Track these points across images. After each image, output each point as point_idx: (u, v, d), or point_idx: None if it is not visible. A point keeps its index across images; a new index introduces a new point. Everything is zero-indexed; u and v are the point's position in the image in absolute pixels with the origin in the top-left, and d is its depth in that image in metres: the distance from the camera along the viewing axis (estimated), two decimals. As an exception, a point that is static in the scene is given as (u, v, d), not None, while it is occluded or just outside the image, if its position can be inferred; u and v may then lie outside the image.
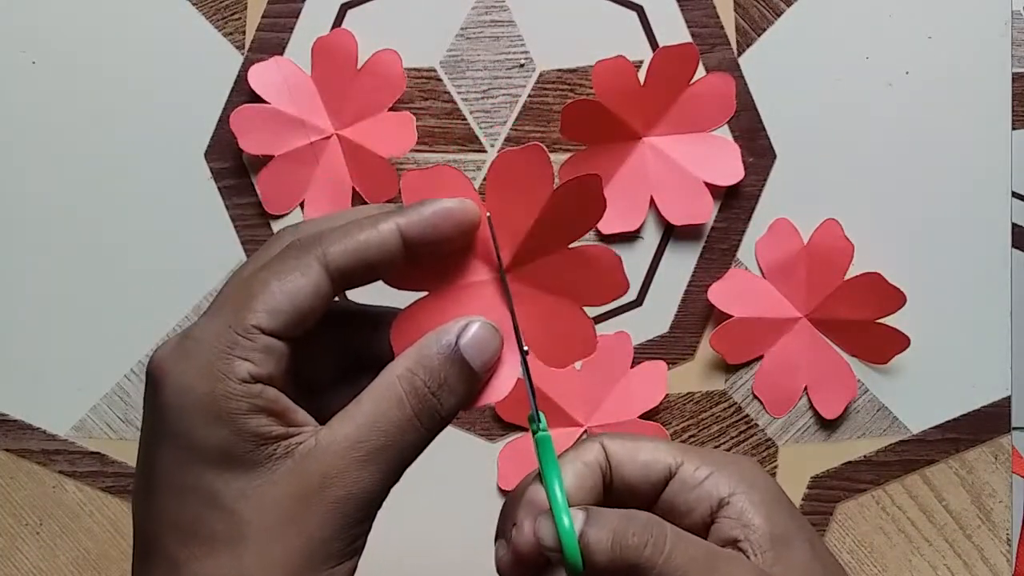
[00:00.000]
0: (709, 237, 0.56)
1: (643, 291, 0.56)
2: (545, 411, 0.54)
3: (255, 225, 0.56)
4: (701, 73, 0.55)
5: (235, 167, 0.56)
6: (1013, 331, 0.55)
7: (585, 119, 0.54)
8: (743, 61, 0.56)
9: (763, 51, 0.56)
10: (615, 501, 0.33)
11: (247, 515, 0.27)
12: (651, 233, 0.56)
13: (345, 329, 0.33)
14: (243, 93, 0.55)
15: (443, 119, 0.56)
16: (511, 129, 0.56)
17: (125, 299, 0.56)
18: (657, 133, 0.55)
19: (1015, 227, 0.56)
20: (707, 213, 0.55)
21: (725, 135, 0.55)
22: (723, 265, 0.56)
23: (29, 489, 0.56)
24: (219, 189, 0.56)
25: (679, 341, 0.56)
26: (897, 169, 0.55)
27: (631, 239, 0.55)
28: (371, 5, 0.56)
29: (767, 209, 0.55)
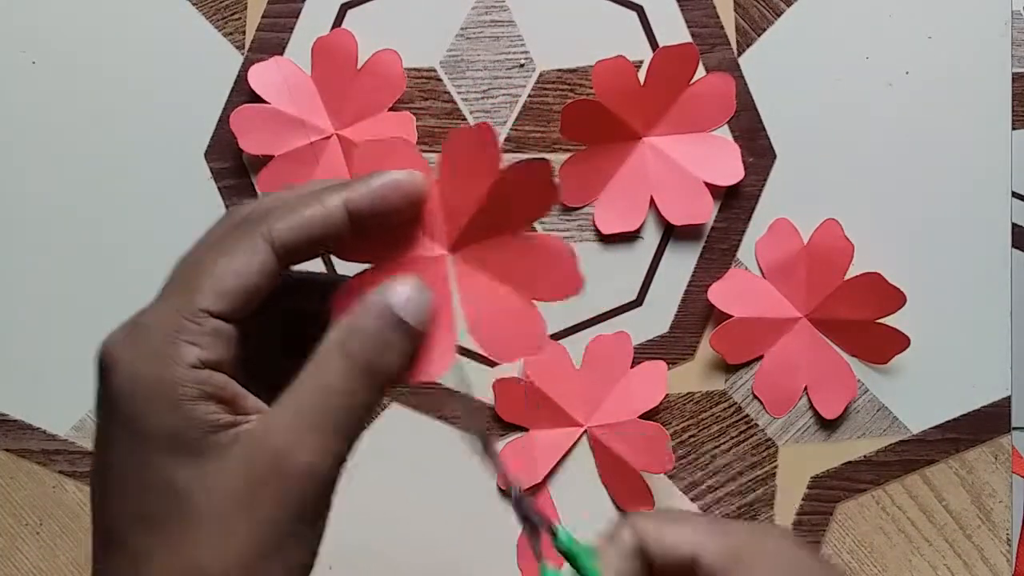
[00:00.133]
0: (709, 237, 0.56)
1: (643, 291, 0.56)
2: (545, 411, 0.54)
3: (255, 225, 0.56)
4: (701, 73, 0.55)
5: (235, 167, 0.56)
6: (1013, 331, 0.55)
7: (585, 119, 0.54)
8: (743, 61, 0.56)
9: (763, 51, 0.56)
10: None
11: (200, 502, 0.26)
12: (651, 233, 0.56)
13: (293, 297, 0.32)
14: (243, 93, 0.55)
15: (443, 119, 0.56)
16: (511, 129, 0.56)
17: (125, 299, 0.55)
18: (657, 133, 0.55)
19: (1015, 227, 0.56)
20: (707, 213, 0.55)
21: (725, 135, 0.55)
22: (723, 265, 0.56)
23: (29, 489, 0.56)
24: (219, 189, 0.56)
25: (679, 341, 0.56)
26: (897, 169, 0.55)
27: (631, 239, 0.55)
28: (371, 5, 0.56)
29: (767, 209, 0.55)
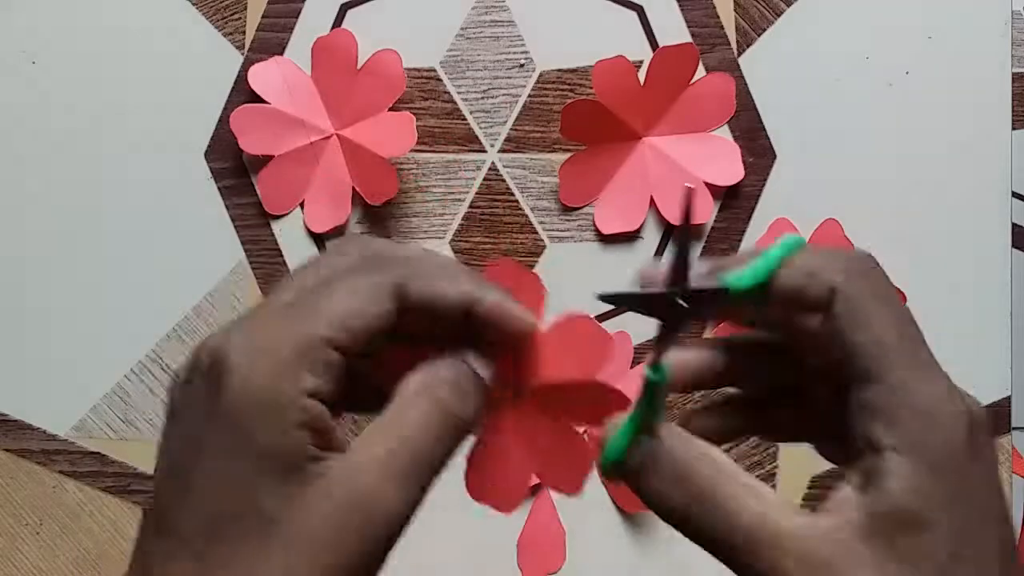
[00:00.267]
0: (709, 237, 0.56)
1: (643, 291, 0.56)
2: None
3: (255, 225, 0.56)
4: (701, 73, 0.55)
5: (235, 167, 0.56)
6: (1013, 331, 0.55)
7: (585, 119, 0.54)
8: (743, 61, 0.56)
9: (763, 51, 0.56)
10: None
11: (284, 523, 0.27)
12: (651, 233, 0.56)
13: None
14: (243, 93, 0.55)
15: (443, 119, 0.56)
16: (511, 129, 0.56)
17: (125, 299, 0.56)
18: (657, 133, 0.55)
19: (1015, 227, 0.56)
20: (707, 213, 0.55)
21: (725, 135, 0.55)
22: (723, 265, 0.56)
23: (29, 489, 0.56)
24: (219, 189, 0.56)
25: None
26: (897, 169, 0.55)
27: (631, 239, 0.55)
28: (371, 5, 0.56)
29: (767, 209, 0.55)
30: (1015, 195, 0.56)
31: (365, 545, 0.27)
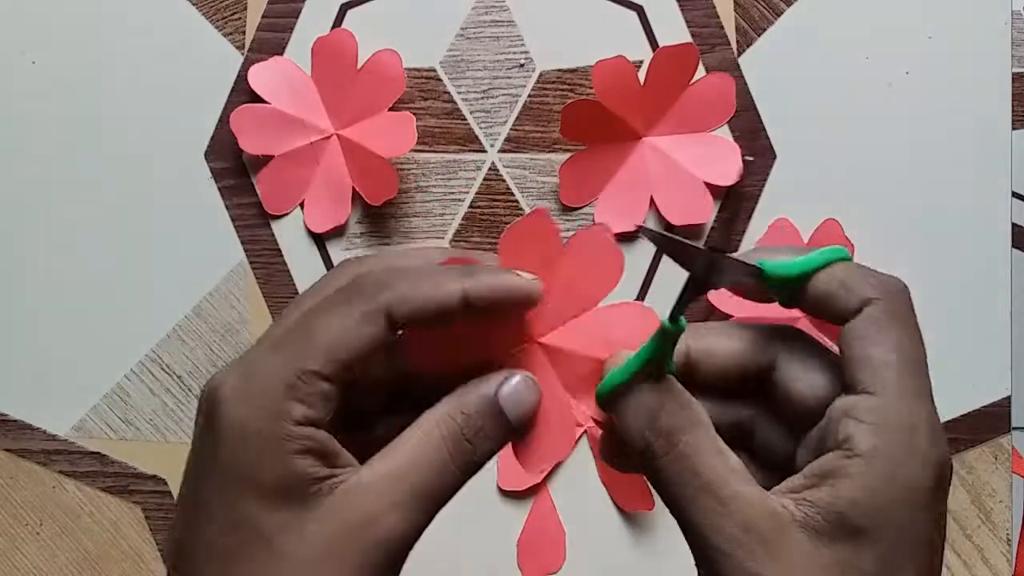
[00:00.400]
0: (709, 237, 0.56)
1: (643, 291, 0.56)
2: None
3: (255, 225, 0.56)
4: (701, 73, 0.55)
5: (235, 167, 0.56)
6: (1013, 331, 0.55)
7: (585, 119, 0.54)
8: (743, 61, 0.56)
9: (763, 51, 0.56)
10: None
11: (287, 548, 0.28)
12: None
13: (396, 360, 0.33)
14: (243, 93, 0.55)
15: (443, 119, 0.56)
16: (511, 129, 0.56)
17: (125, 299, 0.56)
18: (657, 133, 0.55)
19: (1015, 227, 0.56)
20: (707, 213, 0.55)
21: (725, 135, 0.55)
22: (723, 265, 0.56)
23: (29, 489, 0.56)
24: (219, 189, 0.56)
25: (679, 341, 0.56)
26: (897, 169, 0.55)
27: (631, 239, 0.55)
28: (371, 5, 0.56)
29: (767, 209, 0.55)
30: (1015, 195, 0.56)
31: (368, 561, 0.28)
